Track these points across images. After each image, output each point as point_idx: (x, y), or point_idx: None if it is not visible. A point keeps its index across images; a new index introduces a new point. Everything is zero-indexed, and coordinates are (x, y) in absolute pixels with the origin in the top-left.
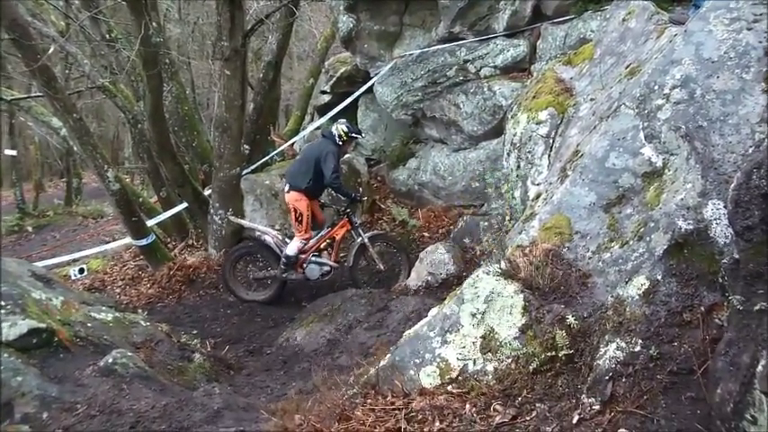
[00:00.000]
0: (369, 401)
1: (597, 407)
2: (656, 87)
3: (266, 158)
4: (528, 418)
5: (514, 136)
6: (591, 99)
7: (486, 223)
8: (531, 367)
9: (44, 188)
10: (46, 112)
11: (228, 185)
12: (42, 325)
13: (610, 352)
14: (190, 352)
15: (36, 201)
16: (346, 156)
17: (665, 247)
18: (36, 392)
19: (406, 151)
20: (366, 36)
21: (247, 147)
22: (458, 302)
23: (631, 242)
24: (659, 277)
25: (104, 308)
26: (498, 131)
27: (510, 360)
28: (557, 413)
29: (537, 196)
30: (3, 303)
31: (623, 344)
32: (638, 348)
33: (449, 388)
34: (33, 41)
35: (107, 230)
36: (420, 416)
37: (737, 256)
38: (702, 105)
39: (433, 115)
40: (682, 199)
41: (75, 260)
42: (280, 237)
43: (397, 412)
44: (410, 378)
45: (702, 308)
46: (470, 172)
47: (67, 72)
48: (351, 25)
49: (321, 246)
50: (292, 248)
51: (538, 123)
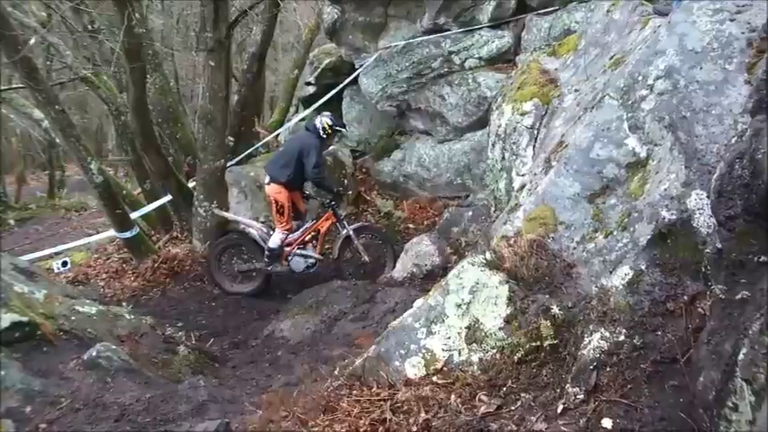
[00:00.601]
0: (354, 393)
1: (581, 396)
2: (640, 78)
3: (251, 150)
4: (513, 408)
5: (499, 127)
6: (575, 90)
7: (471, 214)
8: (516, 357)
9: (26, 181)
10: (28, 104)
11: (213, 177)
12: (25, 318)
13: (594, 342)
14: (175, 345)
15: (18, 193)
16: (331, 148)
17: (649, 238)
18: (19, 386)
19: (391, 143)
20: (351, 27)
21: (232, 139)
22: (443, 293)
23: (615, 232)
24: (643, 267)
25: (88, 301)
26: (483, 123)
27: (495, 350)
28: (541, 403)
29: (521, 187)
30: None
31: (607, 333)
32: (622, 338)
33: (434, 379)
34: (14, 32)
35: (90, 223)
36: (405, 406)
37: (720, 246)
38: (686, 96)
39: (418, 107)
40: (665, 189)
41: (58, 253)
42: (264, 229)
43: (383, 403)
44: (395, 369)
45: (685, 297)
46: (455, 163)
47: (49, 63)
48: (336, 16)
49: (306, 238)
50: (275, 241)
51: (522, 114)
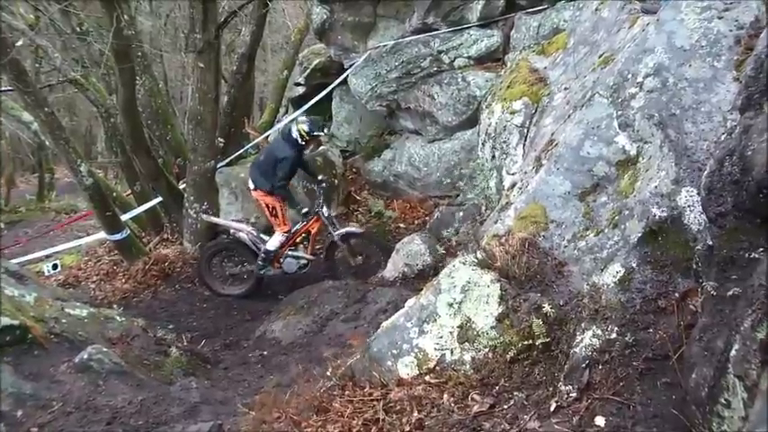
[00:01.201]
0: (347, 393)
1: (574, 394)
2: (630, 76)
3: (241, 151)
4: (506, 407)
5: (489, 126)
6: (565, 88)
7: (461, 213)
8: (509, 356)
9: (15, 183)
10: (16, 107)
11: (203, 179)
12: (16, 322)
13: (586, 339)
14: (166, 346)
15: (7, 196)
16: (321, 148)
17: (640, 235)
18: (10, 390)
19: (381, 143)
20: (340, 27)
21: (222, 140)
22: (434, 293)
23: (606, 230)
24: (634, 265)
25: (79, 303)
26: (473, 122)
27: (487, 349)
28: (534, 401)
29: (512, 186)
30: None
31: (599, 331)
32: (613, 335)
33: (426, 378)
34: (2, 35)
35: (81, 225)
36: (398, 406)
37: (711, 243)
38: (675, 93)
39: (408, 106)
40: (656, 186)
41: (48, 256)
42: (254, 233)
43: (375, 403)
44: (388, 369)
45: (677, 294)
46: (445, 162)
47: (38, 66)
48: (324, 16)
49: (297, 240)
50: (274, 243)
51: (512, 113)
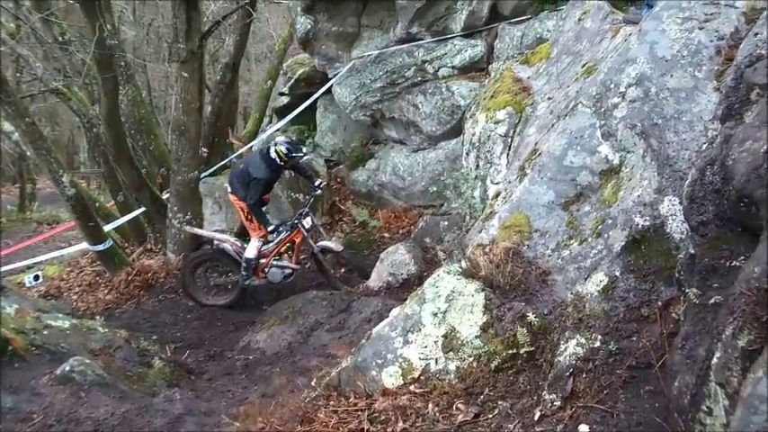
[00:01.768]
0: (331, 403)
1: (558, 403)
2: (612, 86)
3: (225, 161)
4: (490, 416)
5: (473, 135)
6: (548, 98)
7: (446, 223)
8: (493, 365)
9: None
10: None
11: (187, 189)
12: None
13: (570, 348)
14: (149, 358)
15: None
16: (306, 158)
17: (623, 244)
18: None
19: (366, 152)
20: (324, 37)
21: (205, 150)
22: (419, 302)
23: (590, 239)
24: (617, 273)
25: (61, 315)
26: (457, 131)
27: (472, 359)
28: (519, 410)
29: (496, 195)
30: None
31: (583, 340)
32: (597, 344)
33: (411, 388)
34: None
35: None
36: (383, 416)
37: (693, 251)
38: (657, 103)
39: (392, 116)
40: (638, 196)
41: (29, 267)
42: (238, 243)
43: (360, 413)
44: (372, 379)
45: (660, 303)
46: (430, 172)
47: (19, 75)
48: (309, 26)
49: (281, 249)
50: (251, 251)
51: (496, 123)
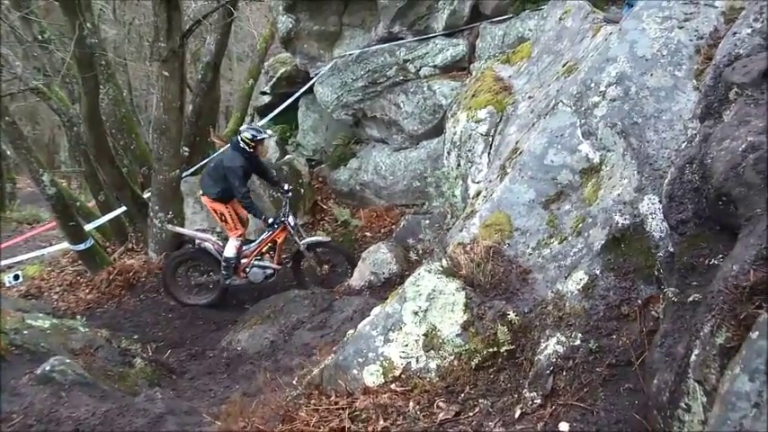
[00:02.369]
0: (312, 402)
1: (539, 401)
2: (593, 85)
3: (206, 161)
4: (471, 414)
5: (454, 135)
6: (529, 97)
7: (427, 222)
8: (474, 363)
9: None
10: None
11: (168, 188)
12: None
13: (550, 346)
14: (131, 357)
15: None
16: (287, 156)
17: (603, 242)
18: None
19: (348, 151)
20: (306, 36)
21: (187, 149)
22: (400, 301)
23: (570, 238)
24: (597, 272)
25: (41, 315)
26: (439, 130)
27: (452, 357)
28: (499, 408)
29: (477, 194)
30: None
31: (563, 338)
32: (577, 342)
33: (392, 386)
34: None
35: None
36: (364, 415)
37: (672, 250)
38: (637, 102)
39: (374, 115)
40: (618, 194)
41: (9, 267)
42: (220, 242)
43: (341, 412)
44: (354, 377)
45: (639, 301)
46: (411, 171)
47: None
48: (290, 25)
49: (263, 249)
50: (230, 250)
51: (477, 122)
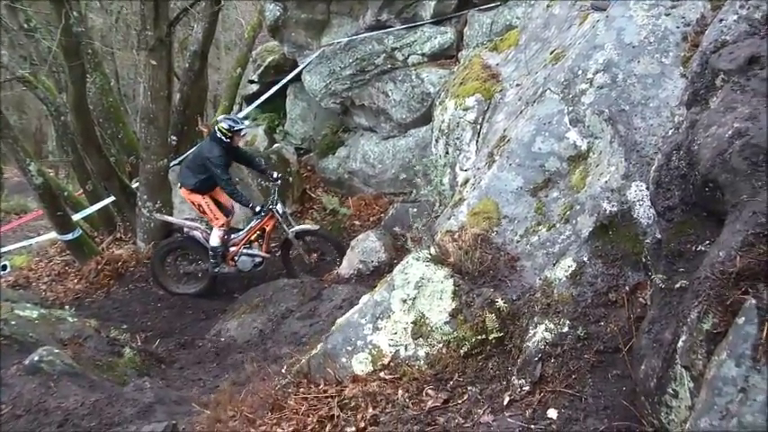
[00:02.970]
0: (301, 390)
1: (527, 388)
2: (580, 72)
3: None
4: (460, 402)
5: (442, 123)
6: (517, 85)
7: (416, 210)
8: (462, 351)
9: None
10: None
11: (156, 177)
12: None
13: (539, 333)
14: (119, 347)
15: None
16: (276, 145)
17: (591, 229)
18: None
19: (336, 140)
20: (293, 24)
21: (174, 138)
22: (388, 289)
23: (558, 225)
24: (585, 259)
25: (29, 305)
26: (427, 119)
27: (441, 345)
28: (488, 395)
29: (465, 182)
30: None
31: (551, 325)
32: (565, 329)
33: (381, 374)
34: None
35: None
36: (353, 403)
37: (660, 236)
38: (624, 89)
39: (362, 103)
40: (606, 181)
41: None
42: (209, 231)
43: (330, 400)
44: (342, 366)
45: (627, 288)
46: (400, 159)
47: None
48: (278, 14)
49: (252, 237)
50: (215, 239)
51: (465, 110)
